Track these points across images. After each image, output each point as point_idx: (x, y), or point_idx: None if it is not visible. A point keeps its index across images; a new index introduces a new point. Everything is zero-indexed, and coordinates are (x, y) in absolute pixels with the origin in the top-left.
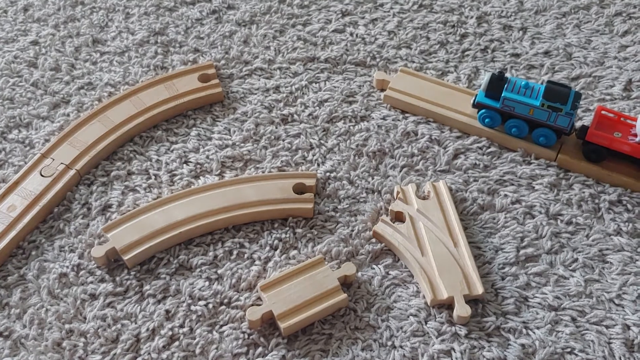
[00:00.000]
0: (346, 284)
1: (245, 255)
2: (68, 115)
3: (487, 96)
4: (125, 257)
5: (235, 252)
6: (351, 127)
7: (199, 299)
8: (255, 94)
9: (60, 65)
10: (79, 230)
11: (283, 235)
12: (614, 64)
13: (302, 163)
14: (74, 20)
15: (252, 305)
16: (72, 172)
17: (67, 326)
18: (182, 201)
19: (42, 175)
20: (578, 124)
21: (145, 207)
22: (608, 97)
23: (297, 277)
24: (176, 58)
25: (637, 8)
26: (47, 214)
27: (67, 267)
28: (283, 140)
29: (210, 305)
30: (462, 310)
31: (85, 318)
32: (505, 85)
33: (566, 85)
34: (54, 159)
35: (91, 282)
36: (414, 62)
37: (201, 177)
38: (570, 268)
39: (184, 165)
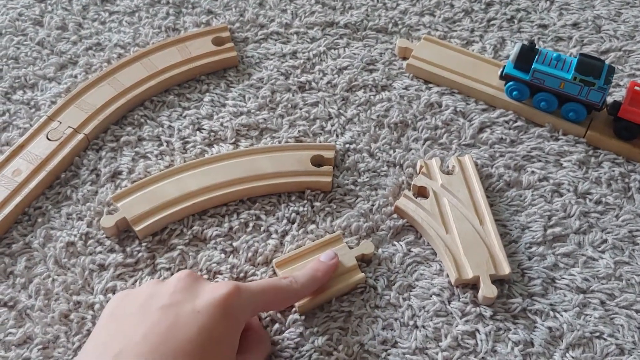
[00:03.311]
0: (364, 261)
1: (262, 228)
2: (76, 76)
3: (515, 67)
4: (137, 228)
5: (251, 225)
6: (372, 97)
7: (215, 273)
8: (271, 59)
9: (67, 24)
10: (87, 198)
11: (301, 209)
12: None
13: (321, 133)
14: None
15: None
16: (80, 137)
17: (74, 298)
18: (196, 171)
19: (48, 139)
20: (609, 100)
21: (156, 176)
22: (639, 73)
23: (314, 254)
24: (188, 20)
25: None
26: (54, 180)
27: (75, 235)
28: (300, 109)
29: (226, 279)
30: (488, 290)
31: (93, 290)
32: (536, 57)
33: (599, 58)
34: (60, 122)
35: (100, 252)
36: (437, 30)
37: (215, 145)
38: (600, 249)
39: (197, 132)
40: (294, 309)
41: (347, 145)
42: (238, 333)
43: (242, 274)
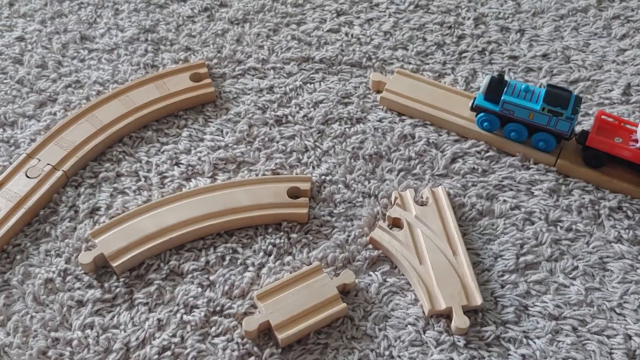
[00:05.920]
0: (344, 292)
1: (239, 261)
2: (55, 114)
3: (486, 99)
4: (114, 264)
5: (227, 258)
6: (347, 129)
7: (192, 307)
8: (249, 94)
9: (47, 62)
10: (66, 234)
11: (277, 241)
12: (612, 67)
13: (297, 166)
14: (62, 16)
15: (245, 313)
16: (59, 173)
17: (52, 334)
18: (173, 205)
19: (27, 177)
20: (577, 129)
21: (134, 212)
22: (607, 102)
23: (295, 286)
24: (167, 56)
25: (634, 11)
26: (33, 217)
27: (54, 272)
28: (277, 142)
29: (203, 314)
30: (460, 321)
31: (71, 326)
32: (505, 89)
33: (567, 89)
34: (40, 160)
35: (78, 288)
36: (410, 63)
37: (193, 180)
38: (571, 276)
39: (175, 167)
40: (271, 343)
41: (323, 177)
42: None
43: (218, 308)
